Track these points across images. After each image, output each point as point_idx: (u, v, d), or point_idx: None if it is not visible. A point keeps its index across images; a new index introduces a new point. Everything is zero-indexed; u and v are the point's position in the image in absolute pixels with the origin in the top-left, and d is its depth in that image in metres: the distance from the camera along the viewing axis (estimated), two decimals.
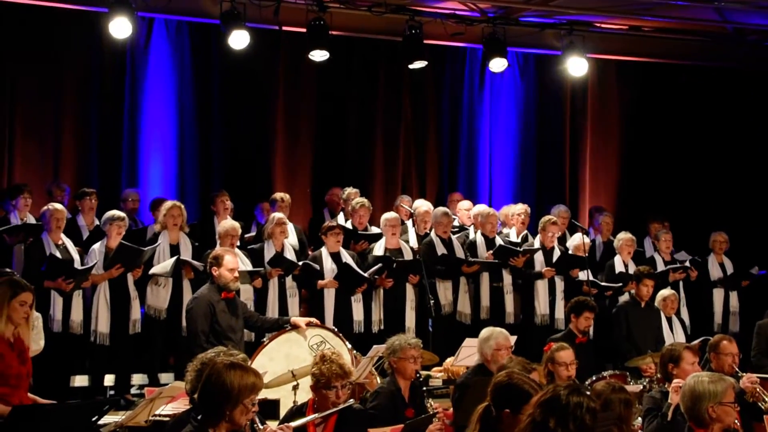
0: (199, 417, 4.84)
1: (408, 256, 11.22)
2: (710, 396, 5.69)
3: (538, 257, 11.78)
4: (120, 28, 11.28)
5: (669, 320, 11.13)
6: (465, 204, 12.83)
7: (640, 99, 14.89)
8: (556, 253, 11.82)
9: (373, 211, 12.20)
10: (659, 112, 14.87)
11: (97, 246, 10.15)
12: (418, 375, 7.62)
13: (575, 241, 12.12)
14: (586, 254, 11.84)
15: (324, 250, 10.91)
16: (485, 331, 8.14)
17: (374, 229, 11.88)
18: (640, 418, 7.04)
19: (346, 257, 10.92)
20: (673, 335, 10.87)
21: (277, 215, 10.99)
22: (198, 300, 8.53)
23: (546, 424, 4.33)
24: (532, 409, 4.46)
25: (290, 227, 11.25)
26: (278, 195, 11.88)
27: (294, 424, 5.73)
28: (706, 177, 14.82)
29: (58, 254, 9.83)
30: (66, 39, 12.12)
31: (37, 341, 7.98)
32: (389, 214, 11.53)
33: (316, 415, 6.02)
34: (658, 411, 7.01)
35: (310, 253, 11.28)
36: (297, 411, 6.28)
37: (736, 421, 5.82)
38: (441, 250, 11.42)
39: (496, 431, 4.99)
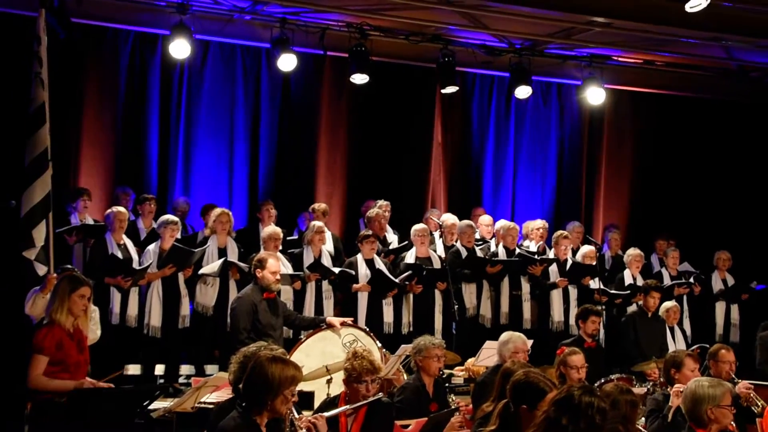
0: (243, 405, 4.89)
1: (436, 264, 11.23)
2: (709, 399, 5.69)
3: (553, 269, 11.78)
4: (179, 49, 11.38)
5: (671, 330, 11.10)
6: (486, 219, 12.82)
7: (652, 127, 14.83)
8: (569, 264, 11.82)
9: (403, 223, 12.23)
10: (669, 139, 14.80)
11: (151, 247, 10.25)
12: (441, 372, 7.64)
13: (584, 250, 12.11)
14: (595, 261, 11.83)
15: (359, 257, 10.94)
16: (505, 335, 8.14)
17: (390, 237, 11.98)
18: (643, 419, 7.03)
19: (380, 264, 10.95)
20: (675, 344, 10.82)
21: (317, 224, 11.03)
22: (242, 299, 8.59)
23: (559, 421, 4.35)
24: (547, 406, 4.47)
25: (328, 235, 11.30)
26: (316, 205, 11.94)
27: (327, 414, 5.75)
28: (710, 199, 14.75)
29: (119, 253, 9.96)
30: (131, 57, 12.23)
31: (94, 332, 8.08)
32: (419, 226, 11.54)
33: (348, 406, 6.04)
34: (659, 412, 7.01)
35: (345, 259, 11.31)
36: (330, 403, 6.30)
37: (732, 423, 5.82)
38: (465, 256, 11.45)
39: (515, 426, 5.01)
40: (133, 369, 10.16)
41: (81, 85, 11.98)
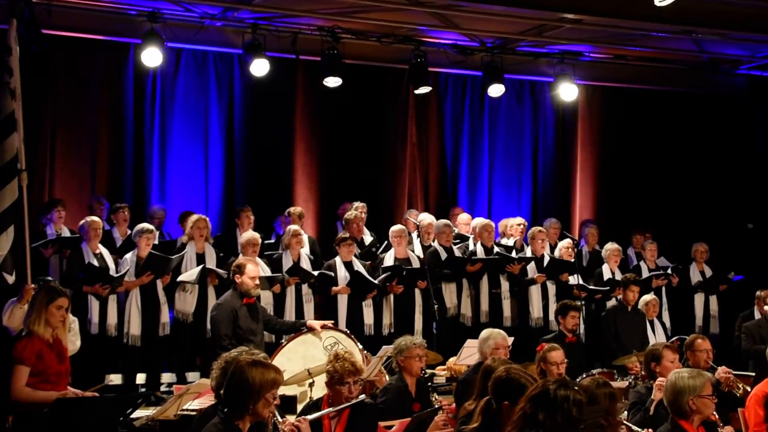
0: (225, 410, 4.88)
1: (415, 264, 11.24)
2: (690, 390, 5.73)
3: (531, 265, 11.83)
4: (151, 57, 11.35)
5: (651, 323, 11.15)
6: (464, 217, 12.89)
7: (625, 121, 14.89)
8: (546, 260, 11.87)
9: (382, 224, 12.25)
10: (643, 133, 14.87)
11: (129, 255, 10.22)
12: (423, 372, 7.65)
13: (562, 244, 12.17)
14: (573, 257, 11.89)
15: (338, 259, 10.94)
16: (485, 332, 8.16)
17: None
18: (626, 412, 7.07)
19: (358, 266, 10.95)
20: (655, 336, 10.88)
21: (293, 227, 11.03)
22: (221, 305, 8.55)
23: (536, 417, 4.35)
24: (523, 402, 4.48)
25: (305, 238, 11.28)
26: (292, 209, 11.93)
27: (310, 417, 5.75)
28: (686, 192, 14.83)
29: (95, 262, 9.91)
30: (102, 67, 12.17)
31: (73, 342, 8.04)
32: (396, 227, 11.55)
33: (331, 409, 6.03)
34: (642, 405, 7.05)
35: (323, 262, 11.31)
36: (313, 405, 6.29)
37: (714, 413, 5.86)
38: (444, 257, 11.47)
39: (497, 422, 5.03)
40: (114, 378, 10.12)
41: (54, 96, 11.90)
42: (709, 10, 11.65)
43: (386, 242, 11.74)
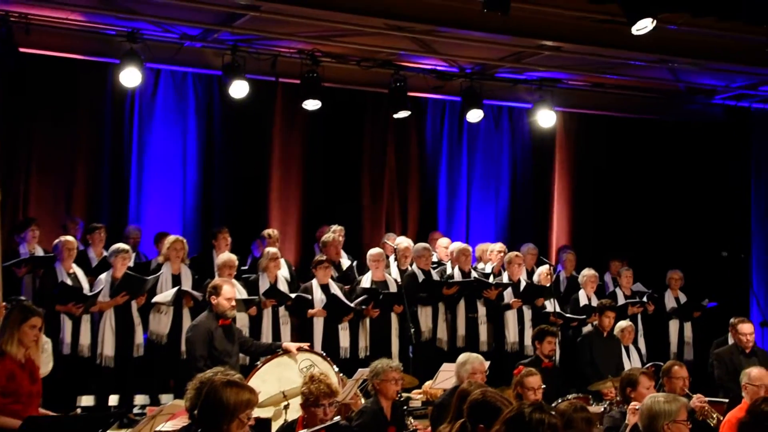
0: (199, 430, 4.84)
1: (392, 287, 11.25)
2: (665, 414, 5.72)
3: (507, 290, 11.87)
4: (130, 77, 11.28)
5: (627, 349, 11.23)
6: (444, 241, 12.93)
7: (602, 149, 14.99)
8: (523, 285, 11.91)
9: (360, 248, 12.26)
10: (619, 160, 14.98)
11: (103, 276, 10.17)
12: (399, 395, 7.64)
13: (540, 270, 12.22)
14: (551, 282, 11.93)
15: (314, 282, 10.93)
16: (462, 356, 8.18)
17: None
18: None
19: (335, 289, 10.95)
20: (630, 362, 10.94)
21: (272, 250, 11.01)
22: (197, 327, 8.49)
23: None
24: (498, 425, 4.47)
25: (282, 261, 11.28)
26: (267, 231, 11.88)
27: None
28: (661, 219, 14.93)
29: (69, 282, 9.84)
30: (80, 86, 12.12)
31: (45, 364, 7.96)
32: (374, 250, 11.56)
33: (306, 431, 6.02)
34: (616, 430, 7.06)
35: (300, 285, 11.29)
36: (287, 428, 6.28)
37: None
38: (422, 279, 11.49)
39: None
40: (86, 400, 10.03)
41: (31, 115, 11.85)
42: (686, 40, 11.76)
43: (363, 266, 11.73)
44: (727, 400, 9.04)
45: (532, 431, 4.31)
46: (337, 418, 6.16)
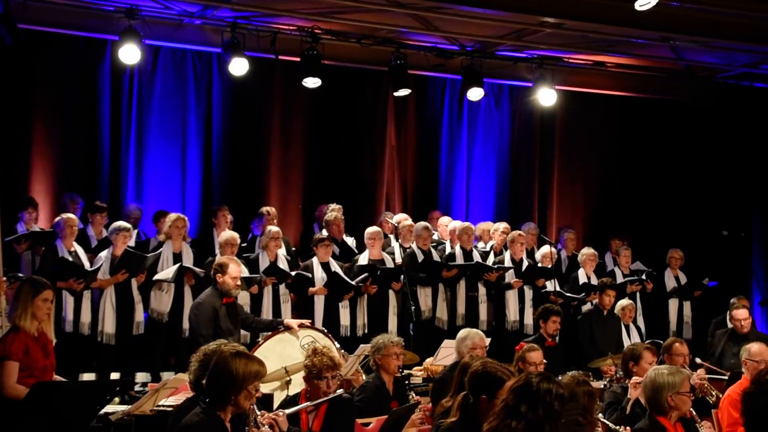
0: (206, 400, 4.92)
1: (390, 265, 11.33)
2: (669, 386, 5.83)
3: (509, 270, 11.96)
4: (129, 54, 11.30)
5: (627, 327, 11.32)
6: (444, 220, 12.98)
7: (603, 127, 15.06)
8: (525, 265, 11.98)
9: (358, 227, 12.31)
10: (620, 139, 15.06)
11: (104, 253, 10.23)
12: (400, 371, 7.72)
13: (543, 251, 12.29)
14: (553, 264, 12.01)
15: (315, 260, 11.00)
16: (463, 332, 8.25)
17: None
18: (601, 414, 7.15)
19: (335, 267, 11.02)
20: (630, 340, 11.02)
21: (273, 229, 11.04)
22: (202, 305, 8.52)
23: (518, 408, 4.41)
24: (506, 394, 4.55)
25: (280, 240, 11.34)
26: (265, 209, 11.89)
27: (288, 410, 5.82)
28: (662, 198, 15.00)
29: (69, 259, 9.90)
30: (79, 63, 12.15)
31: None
32: (371, 229, 11.62)
33: (309, 403, 6.10)
34: (618, 405, 7.15)
35: (300, 263, 11.36)
36: (291, 401, 6.35)
37: (692, 409, 5.97)
38: (421, 259, 11.55)
39: (475, 416, 5.09)
40: (88, 377, 10.09)
41: (29, 92, 11.88)
42: (689, 17, 11.80)
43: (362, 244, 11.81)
44: (726, 377, 9.14)
45: (540, 401, 4.39)
46: (340, 391, 6.24)
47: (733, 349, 10.11)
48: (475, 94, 13.16)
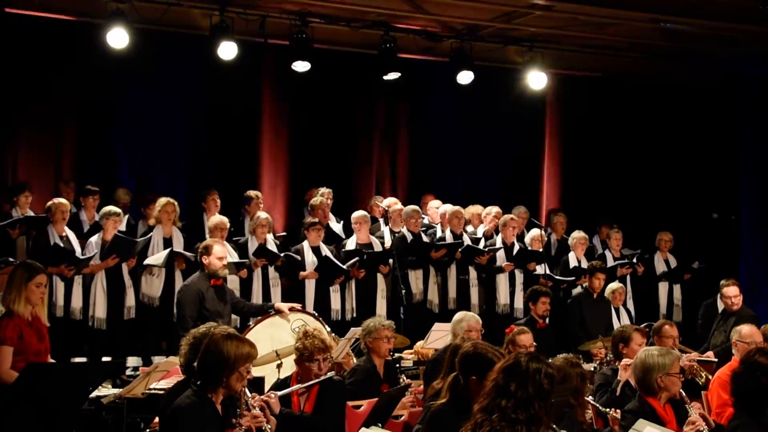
0: (198, 382, 4.95)
1: (378, 249, 11.36)
2: (659, 367, 5.89)
3: (500, 253, 11.99)
4: (117, 38, 11.24)
5: (617, 310, 11.39)
6: (435, 203, 13.00)
7: (593, 110, 15.06)
8: (516, 249, 12.02)
9: (348, 210, 12.32)
10: (610, 122, 15.05)
11: (94, 238, 10.24)
12: (391, 354, 7.77)
13: (533, 234, 12.33)
14: (542, 246, 12.06)
15: (306, 244, 11.03)
16: (459, 314, 8.36)
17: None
18: (591, 396, 7.20)
19: (326, 251, 11.05)
20: (620, 323, 11.08)
21: (262, 214, 11.08)
22: (188, 287, 8.65)
23: (507, 387, 4.45)
24: (495, 374, 4.60)
25: (271, 224, 11.36)
26: (252, 193, 11.89)
27: (279, 393, 5.86)
28: (651, 181, 15.04)
29: (61, 244, 9.91)
30: (67, 47, 12.10)
31: None
32: (358, 213, 11.69)
33: (300, 385, 6.13)
34: (608, 387, 7.21)
35: (291, 248, 11.38)
36: (282, 384, 6.38)
37: (681, 391, 6.02)
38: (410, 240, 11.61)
39: (465, 397, 5.13)
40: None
41: (17, 76, 11.83)
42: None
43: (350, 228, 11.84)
44: (716, 360, 9.23)
45: (529, 379, 4.44)
46: (331, 373, 6.27)
47: (722, 328, 10.20)
48: (464, 77, 13.12)
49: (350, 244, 11.40)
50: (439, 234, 12.13)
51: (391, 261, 11.31)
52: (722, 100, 14.90)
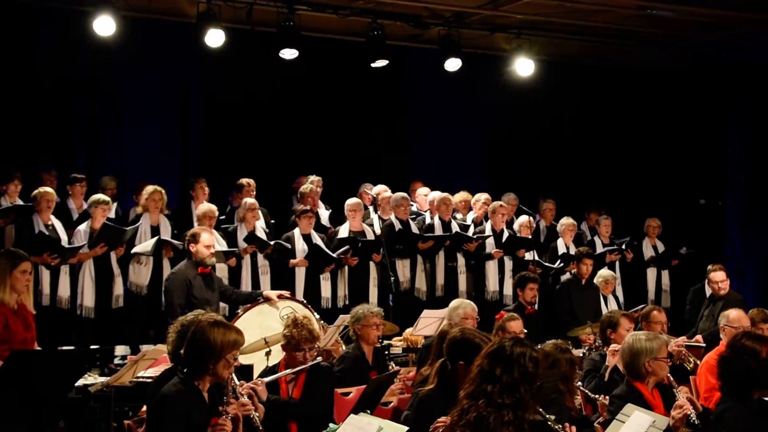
0: (184, 370, 4.92)
1: (370, 236, 11.33)
2: (647, 352, 5.88)
3: (489, 240, 11.96)
4: (104, 26, 11.15)
5: (605, 297, 11.39)
6: (424, 190, 12.97)
7: (580, 97, 15.06)
8: (505, 236, 12.01)
9: (338, 198, 12.29)
10: (597, 109, 15.08)
11: (82, 227, 10.16)
12: (380, 341, 7.75)
13: (521, 221, 12.31)
14: (531, 233, 12.05)
15: (296, 232, 10.98)
16: (456, 301, 8.40)
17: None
18: (579, 382, 7.20)
19: (317, 239, 11.01)
20: (608, 309, 11.08)
21: (249, 200, 11.03)
22: (175, 275, 8.63)
23: (493, 372, 4.46)
24: (480, 359, 4.59)
25: (258, 212, 11.30)
26: (244, 180, 11.86)
27: (267, 379, 5.84)
28: (639, 168, 15.07)
29: (46, 233, 9.82)
30: (54, 35, 12.03)
31: None
32: (351, 200, 11.61)
33: (288, 371, 6.11)
34: (596, 372, 7.21)
35: (282, 235, 11.34)
36: (270, 371, 6.36)
37: (669, 375, 6.02)
38: (398, 229, 11.56)
39: (452, 382, 5.12)
40: None
41: (2, 63, 11.76)
42: None
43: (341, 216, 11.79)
44: (704, 345, 9.25)
45: (515, 364, 4.43)
46: (318, 359, 6.26)
47: (710, 313, 10.24)
48: (452, 64, 13.07)
49: (343, 231, 11.35)
50: (428, 221, 12.10)
51: (381, 249, 11.28)
52: (708, 85, 14.90)
